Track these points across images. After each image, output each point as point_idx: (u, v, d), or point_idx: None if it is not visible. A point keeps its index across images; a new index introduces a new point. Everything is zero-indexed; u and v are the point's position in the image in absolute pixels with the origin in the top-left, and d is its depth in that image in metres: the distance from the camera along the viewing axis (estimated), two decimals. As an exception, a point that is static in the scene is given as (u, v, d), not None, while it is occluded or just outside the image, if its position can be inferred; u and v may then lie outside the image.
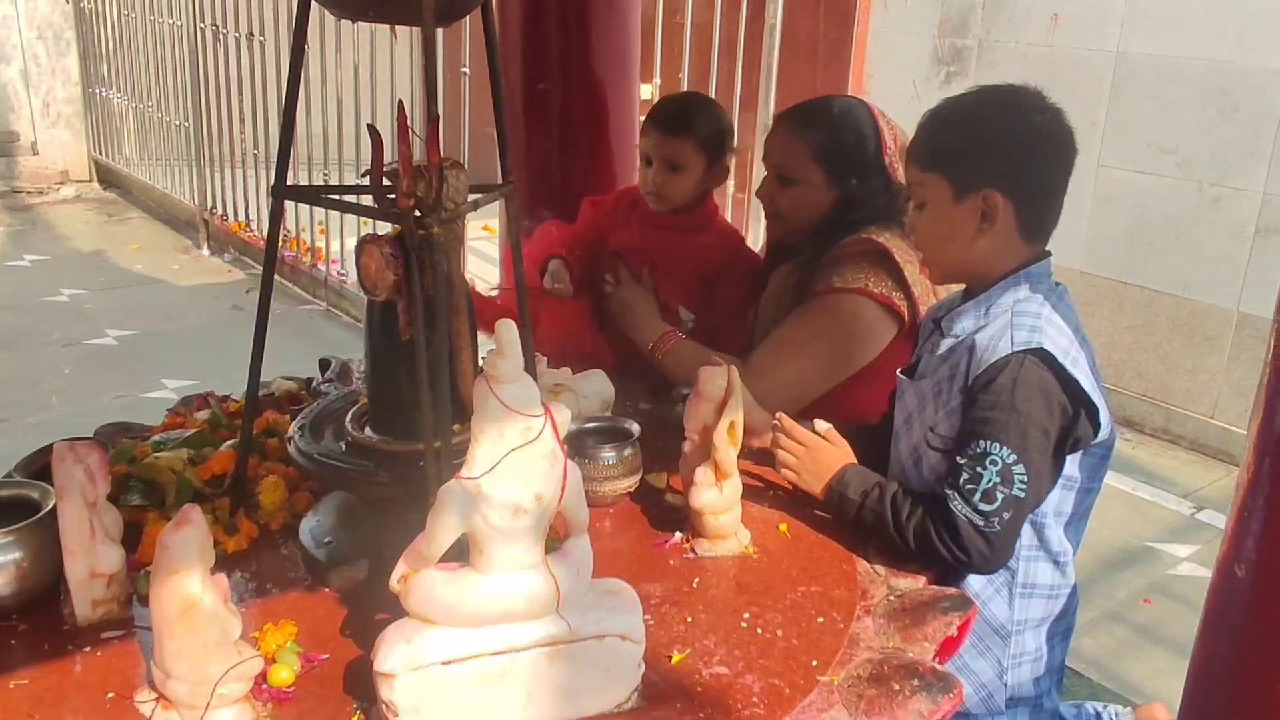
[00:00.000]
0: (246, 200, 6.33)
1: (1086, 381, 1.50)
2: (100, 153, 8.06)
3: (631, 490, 1.76)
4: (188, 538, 1.16)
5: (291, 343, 4.71)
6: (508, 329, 1.13)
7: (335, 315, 5.50)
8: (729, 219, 4.91)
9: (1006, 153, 1.57)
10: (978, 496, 1.49)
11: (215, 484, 1.68)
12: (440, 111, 1.37)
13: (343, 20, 1.49)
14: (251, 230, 6.32)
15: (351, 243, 5.68)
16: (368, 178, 1.41)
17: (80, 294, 5.64)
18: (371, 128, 1.37)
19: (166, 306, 5.53)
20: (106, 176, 8.11)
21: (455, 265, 1.44)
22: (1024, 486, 1.48)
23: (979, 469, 1.49)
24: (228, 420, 1.91)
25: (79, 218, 7.33)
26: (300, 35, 1.45)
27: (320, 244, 5.75)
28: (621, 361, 2.25)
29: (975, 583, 1.62)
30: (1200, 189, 4.11)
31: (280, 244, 6.12)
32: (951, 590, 1.51)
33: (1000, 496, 1.48)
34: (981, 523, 1.49)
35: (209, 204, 6.60)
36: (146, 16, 6.94)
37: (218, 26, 6.11)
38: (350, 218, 5.34)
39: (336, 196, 1.50)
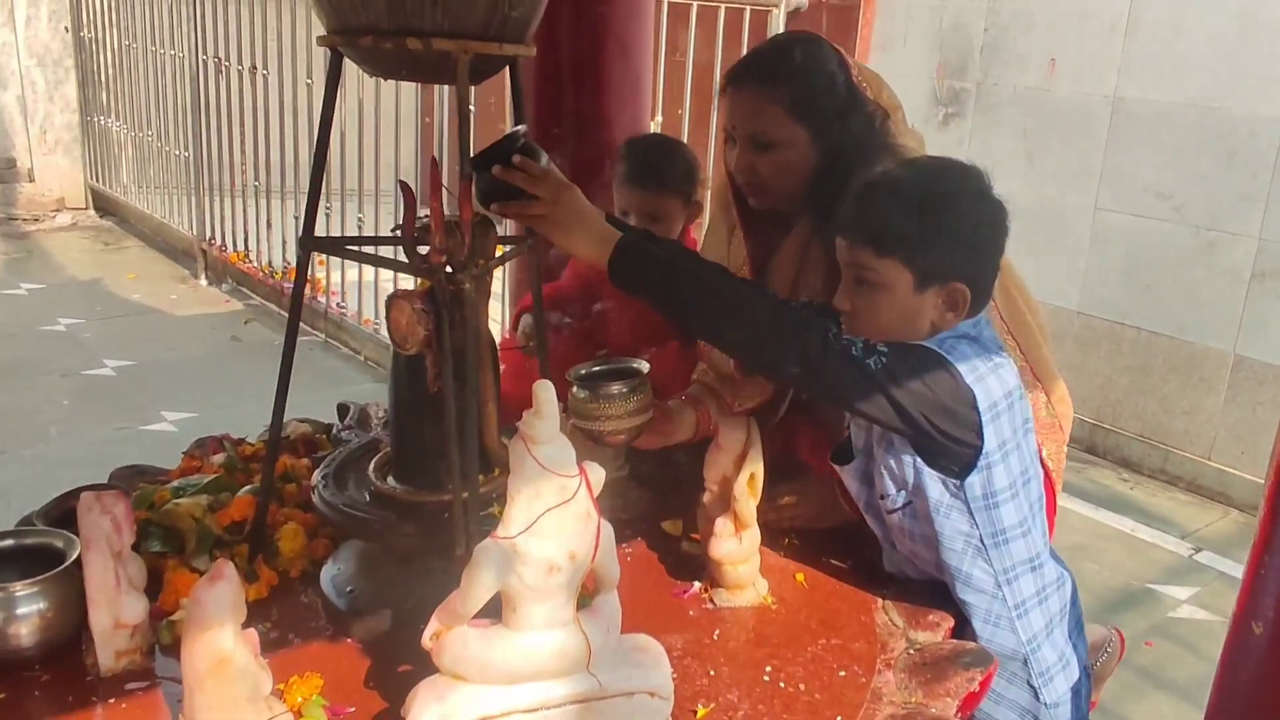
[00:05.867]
0: (245, 231, 6.34)
1: (985, 400, 1.49)
2: (97, 180, 8.07)
3: (644, 424, 1.74)
4: (221, 593, 1.17)
5: (292, 375, 4.69)
6: (545, 390, 1.14)
7: (334, 347, 5.50)
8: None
9: (975, 245, 1.55)
10: (840, 336, 1.49)
11: (234, 530, 1.68)
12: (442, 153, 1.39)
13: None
14: (250, 261, 6.33)
15: (352, 275, 5.66)
16: (397, 230, 1.43)
17: (78, 323, 5.63)
18: (403, 184, 1.39)
19: (164, 337, 5.52)
20: (103, 204, 8.11)
21: (483, 318, 1.45)
22: (880, 363, 1.46)
23: (850, 337, 1.50)
24: (243, 464, 1.92)
25: (75, 246, 7.32)
26: (331, 92, 1.47)
27: (320, 275, 5.76)
28: None
29: (977, 623, 1.62)
30: (1197, 233, 4.16)
31: (280, 275, 6.11)
32: (972, 645, 1.52)
33: (856, 347, 1.47)
34: (837, 340, 1.48)
35: (207, 234, 6.60)
36: (147, 47, 6.97)
37: (220, 59, 6.14)
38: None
39: (365, 250, 1.51)
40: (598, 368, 1.80)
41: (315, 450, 2.02)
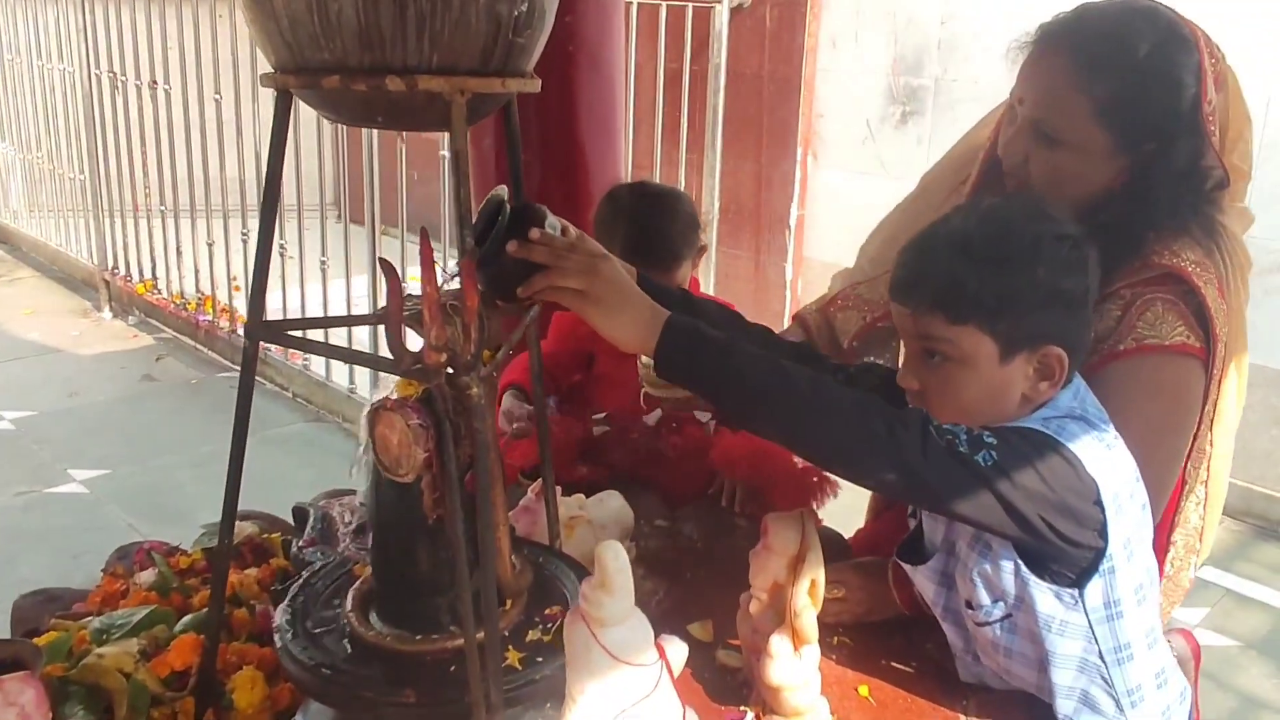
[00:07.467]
0: (153, 259, 5.89)
1: (1108, 492, 1.23)
2: (-16, 206, 7.51)
3: None
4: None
5: (212, 416, 4.29)
6: (615, 557, 0.85)
7: (259, 384, 5.06)
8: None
9: (1066, 298, 1.27)
10: (940, 429, 1.21)
11: (176, 682, 1.36)
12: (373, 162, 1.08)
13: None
14: (159, 292, 5.88)
15: (274, 303, 5.23)
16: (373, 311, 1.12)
17: (-32, 369, 5.15)
18: (384, 262, 1.09)
19: (67, 380, 5.04)
20: (-9, 232, 7.55)
21: (491, 426, 1.16)
22: (990, 458, 1.18)
23: (951, 426, 1.22)
24: (179, 581, 1.60)
25: (-37, 279, 6.78)
26: (280, 140, 1.16)
27: (238, 304, 5.34)
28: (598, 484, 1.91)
29: None
30: (1177, 231, 4.00)
31: (194, 307, 5.66)
32: (1095, 782, 1.27)
33: (960, 441, 1.19)
34: (939, 434, 1.20)
35: (110, 262, 6.13)
36: (33, 62, 6.47)
37: (115, 73, 5.68)
38: (275, 270, 4.94)
39: (334, 344, 1.19)
40: None
41: (266, 557, 1.69)
